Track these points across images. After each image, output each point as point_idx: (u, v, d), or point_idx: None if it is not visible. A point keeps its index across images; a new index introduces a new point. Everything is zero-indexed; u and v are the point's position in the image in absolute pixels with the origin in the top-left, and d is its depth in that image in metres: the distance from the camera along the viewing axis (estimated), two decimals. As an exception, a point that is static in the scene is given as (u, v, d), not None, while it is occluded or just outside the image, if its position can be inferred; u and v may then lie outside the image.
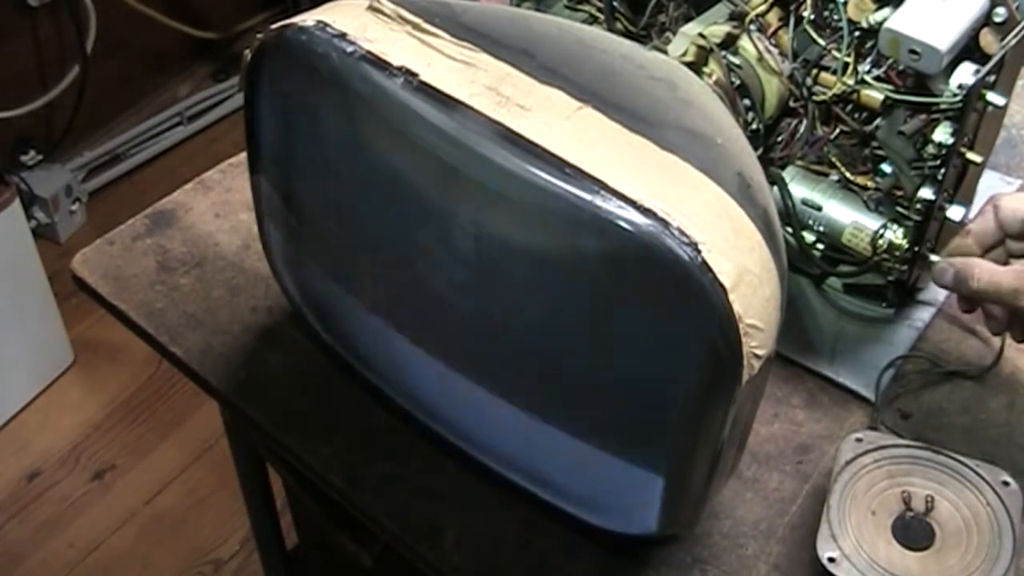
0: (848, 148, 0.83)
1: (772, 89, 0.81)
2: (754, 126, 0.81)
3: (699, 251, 0.56)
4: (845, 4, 0.76)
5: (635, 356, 0.63)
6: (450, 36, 0.65)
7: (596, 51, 0.67)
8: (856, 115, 0.80)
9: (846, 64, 0.78)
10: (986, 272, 0.74)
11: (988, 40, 0.72)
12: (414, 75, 0.63)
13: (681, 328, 0.59)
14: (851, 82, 0.78)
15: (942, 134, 0.75)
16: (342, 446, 0.81)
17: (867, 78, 0.77)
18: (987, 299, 0.75)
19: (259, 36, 0.69)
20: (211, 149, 2.31)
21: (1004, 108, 0.76)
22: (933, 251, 0.81)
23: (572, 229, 0.59)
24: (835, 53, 0.78)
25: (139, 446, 1.84)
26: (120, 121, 2.34)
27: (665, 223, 0.56)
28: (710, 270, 0.56)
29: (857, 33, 0.77)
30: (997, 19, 0.71)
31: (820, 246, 0.84)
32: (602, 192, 0.57)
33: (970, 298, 0.76)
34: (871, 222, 0.82)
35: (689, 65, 0.78)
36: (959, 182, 0.79)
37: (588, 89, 0.62)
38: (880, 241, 0.81)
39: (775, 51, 0.81)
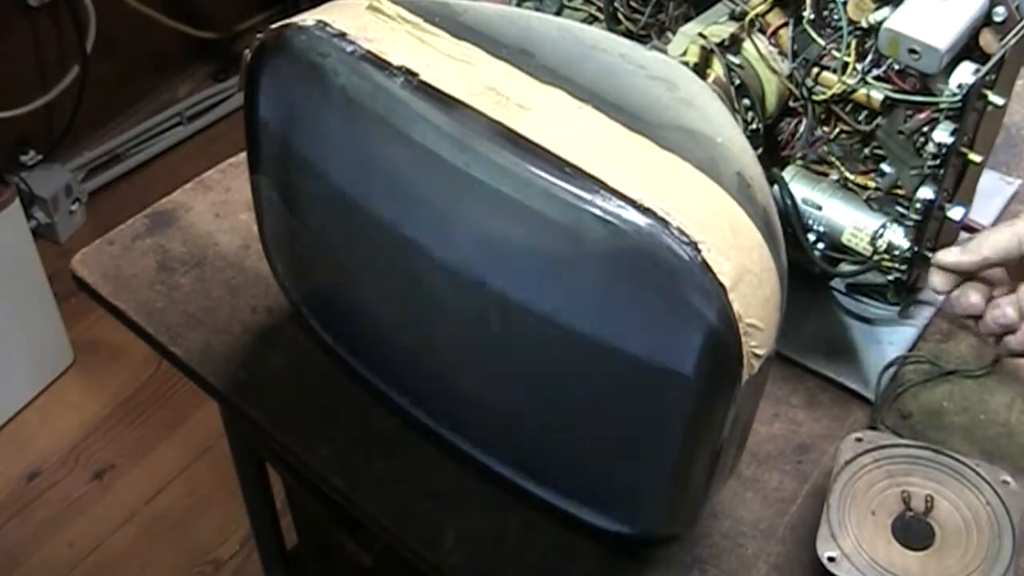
0: (848, 148, 0.83)
1: (772, 89, 0.81)
2: (754, 126, 0.81)
3: (699, 251, 0.56)
4: (845, 4, 0.76)
5: (635, 355, 0.63)
6: (450, 36, 0.65)
7: (596, 51, 0.67)
8: (856, 115, 0.80)
9: (846, 64, 0.78)
10: (984, 238, 0.70)
11: (988, 39, 0.72)
12: (414, 75, 0.63)
13: (681, 328, 0.59)
14: (851, 82, 0.78)
15: (942, 134, 0.75)
16: (342, 446, 0.81)
17: (867, 78, 0.77)
18: (993, 262, 0.70)
19: (259, 36, 0.69)
20: (211, 149, 2.31)
21: (1004, 108, 0.76)
22: (933, 251, 0.81)
23: (571, 229, 0.59)
24: (835, 53, 0.78)
25: (139, 446, 1.84)
26: (120, 121, 2.34)
27: (665, 223, 0.56)
28: (710, 270, 0.56)
29: (857, 33, 0.77)
30: (997, 18, 0.71)
31: (820, 246, 0.84)
32: (602, 192, 0.57)
33: (976, 275, 0.72)
34: (871, 222, 0.82)
35: (692, 66, 0.78)
36: (959, 182, 0.79)
37: (588, 89, 0.62)
38: (880, 241, 0.81)
39: (775, 51, 0.81)
